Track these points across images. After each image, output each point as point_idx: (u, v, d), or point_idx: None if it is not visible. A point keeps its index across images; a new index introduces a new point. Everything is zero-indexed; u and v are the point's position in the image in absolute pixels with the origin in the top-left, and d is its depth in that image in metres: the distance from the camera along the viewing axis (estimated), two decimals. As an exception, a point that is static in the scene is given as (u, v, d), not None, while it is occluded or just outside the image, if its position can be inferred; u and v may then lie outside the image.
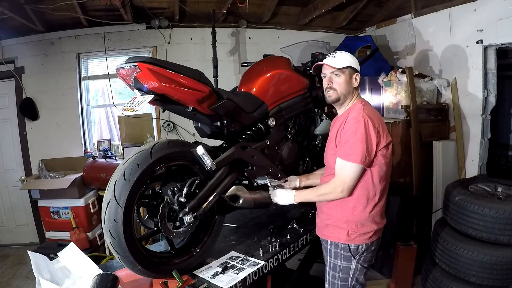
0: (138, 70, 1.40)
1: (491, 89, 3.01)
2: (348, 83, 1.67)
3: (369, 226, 1.64)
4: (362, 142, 1.53)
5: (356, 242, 1.64)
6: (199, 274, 1.62)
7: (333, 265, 1.72)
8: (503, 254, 2.19)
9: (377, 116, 1.67)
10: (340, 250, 1.67)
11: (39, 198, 3.56)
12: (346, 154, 1.56)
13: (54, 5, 3.34)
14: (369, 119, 1.57)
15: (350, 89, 1.69)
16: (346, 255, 1.67)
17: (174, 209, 1.55)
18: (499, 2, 2.78)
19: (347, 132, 1.58)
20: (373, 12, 4.25)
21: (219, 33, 3.99)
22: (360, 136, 1.54)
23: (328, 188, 1.63)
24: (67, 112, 4.08)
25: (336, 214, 1.67)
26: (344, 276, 1.69)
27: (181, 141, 1.70)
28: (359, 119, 1.56)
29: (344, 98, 1.69)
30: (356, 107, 1.66)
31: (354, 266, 1.67)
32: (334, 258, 1.71)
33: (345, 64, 1.66)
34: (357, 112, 1.61)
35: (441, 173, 3.19)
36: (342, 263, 1.68)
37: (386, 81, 3.40)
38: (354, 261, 1.66)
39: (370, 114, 1.61)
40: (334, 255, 1.70)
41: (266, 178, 1.84)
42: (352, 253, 1.65)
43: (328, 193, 1.63)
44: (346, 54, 1.71)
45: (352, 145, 1.55)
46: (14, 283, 3.30)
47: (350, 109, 1.69)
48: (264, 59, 2.22)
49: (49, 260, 1.66)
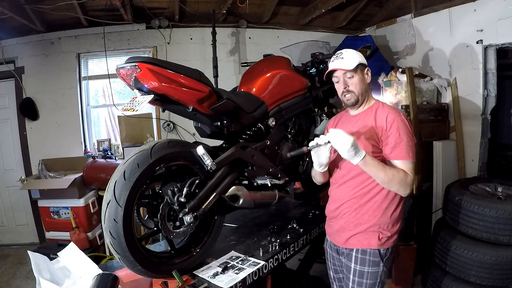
0: (138, 70, 1.40)
1: (491, 89, 3.01)
2: (362, 81, 1.64)
3: (397, 226, 1.64)
4: (413, 140, 1.57)
5: (386, 245, 1.61)
6: (199, 274, 1.62)
7: (360, 272, 1.63)
8: (503, 254, 2.19)
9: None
10: (369, 256, 1.61)
11: (39, 198, 3.56)
12: (405, 154, 1.53)
13: (54, 5, 3.34)
14: (404, 116, 1.60)
15: (366, 86, 1.66)
16: (375, 260, 1.61)
17: (174, 209, 1.55)
18: (499, 2, 2.78)
19: (397, 131, 1.54)
20: (373, 12, 4.25)
21: (219, 33, 3.99)
22: (410, 134, 1.57)
23: (402, 179, 1.49)
24: (67, 112, 4.08)
25: (370, 219, 1.61)
26: (372, 281, 1.63)
27: (181, 141, 1.70)
28: (403, 119, 1.57)
29: (362, 98, 1.66)
30: (385, 106, 1.66)
31: (381, 270, 1.62)
32: (360, 265, 1.63)
33: (355, 62, 1.61)
34: (395, 111, 1.61)
35: (441, 173, 3.19)
36: (371, 269, 1.62)
37: (386, 81, 3.40)
38: (382, 264, 1.62)
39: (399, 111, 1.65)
40: (361, 262, 1.63)
41: (266, 178, 1.84)
42: (381, 256, 1.61)
43: (402, 185, 1.50)
44: (352, 52, 1.66)
45: (407, 143, 1.54)
46: (14, 283, 3.30)
47: (375, 107, 1.66)
48: (264, 59, 2.22)
49: (49, 260, 1.66)
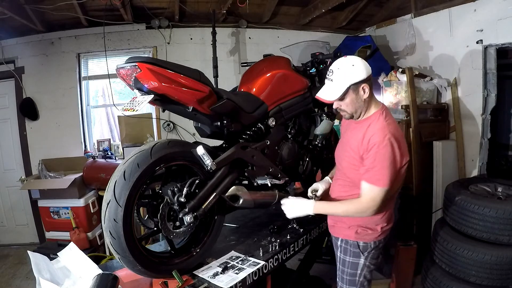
0: (138, 70, 1.40)
1: (491, 89, 3.01)
2: (355, 101, 1.57)
3: (378, 227, 1.67)
4: (389, 168, 1.48)
5: (365, 240, 1.69)
6: (199, 274, 1.62)
7: (343, 261, 1.76)
8: (503, 254, 2.19)
9: (399, 132, 1.58)
10: (350, 246, 1.72)
11: (39, 198, 3.55)
12: (375, 180, 1.50)
13: (54, 5, 3.34)
14: (395, 141, 1.49)
15: (361, 103, 1.58)
16: (355, 251, 1.71)
17: (174, 209, 1.55)
18: (499, 2, 2.78)
19: (373, 157, 1.50)
20: (373, 12, 4.25)
21: (219, 33, 3.99)
22: (387, 162, 1.48)
23: (357, 208, 1.57)
24: (67, 112, 4.08)
25: (347, 219, 1.70)
26: (352, 271, 1.74)
27: (181, 141, 1.70)
28: (386, 144, 1.48)
29: (358, 114, 1.61)
30: (379, 122, 1.55)
31: (362, 263, 1.72)
32: (343, 254, 1.76)
33: (343, 87, 1.53)
34: (381, 133, 1.50)
35: (441, 173, 3.19)
36: (351, 259, 1.73)
37: (386, 81, 3.40)
38: (362, 257, 1.71)
39: (394, 131, 1.52)
40: (344, 251, 1.75)
41: (266, 178, 1.84)
42: (361, 250, 1.70)
43: (358, 213, 1.59)
44: (344, 72, 1.54)
45: (380, 171, 1.49)
46: (14, 283, 3.30)
47: (371, 120, 1.59)
48: (264, 59, 2.23)
49: (49, 260, 1.66)
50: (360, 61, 1.57)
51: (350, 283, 1.76)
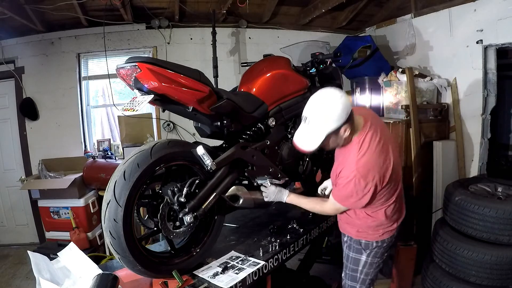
0: (138, 70, 1.40)
1: (491, 89, 3.00)
2: (336, 140, 1.54)
3: (379, 228, 1.71)
4: (350, 196, 1.56)
5: (366, 238, 1.73)
6: (199, 274, 1.62)
7: (347, 256, 1.84)
8: (503, 254, 2.19)
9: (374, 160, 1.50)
10: (353, 243, 1.79)
11: (39, 198, 3.56)
12: (338, 198, 1.64)
13: (54, 5, 3.34)
14: (360, 179, 1.48)
15: (341, 140, 1.55)
16: (358, 248, 1.77)
17: (174, 209, 1.55)
18: (499, 2, 2.78)
19: (340, 183, 1.59)
20: (373, 12, 4.25)
21: (219, 33, 3.99)
22: (349, 192, 1.55)
23: (321, 210, 1.76)
24: (67, 112, 4.08)
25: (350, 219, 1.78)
26: (354, 267, 1.80)
27: (181, 141, 1.70)
28: (350, 180, 1.51)
29: (340, 145, 1.60)
30: (352, 155, 1.53)
31: (364, 260, 1.76)
32: (348, 249, 1.83)
33: (320, 137, 1.47)
34: (350, 169, 1.51)
35: (441, 173, 3.19)
36: (354, 254, 1.80)
37: (386, 81, 3.40)
38: (364, 254, 1.75)
39: (363, 167, 1.48)
40: (348, 247, 1.83)
41: (266, 178, 1.84)
42: (363, 247, 1.74)
43: (322, 213, 1.81)
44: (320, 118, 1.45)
45: (343, 194, 1.60)
46: (14, 283, 3.30)
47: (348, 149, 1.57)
48: (264, 59, 2.22)
49: (49, 260, 1.66)
50: (338, 102, 1.45)
51: (351, 279, 1.82)
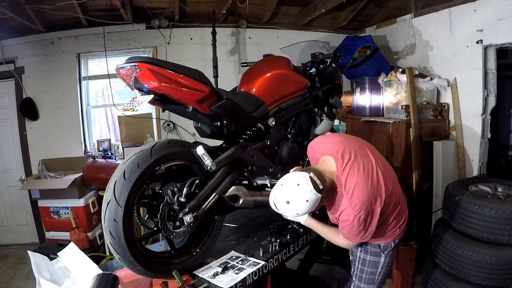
0: (138, 70, 1.40)
1: (491, 89, 3.00)
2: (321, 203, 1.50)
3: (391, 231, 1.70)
4: (357, 233, 1.53)
5: (385, 241, 1.72)
6: (199, 274, 1.62)
7: (363, 260, 1.80)
8: (503, 254, 2.19)
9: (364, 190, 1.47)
10: (370, 247, 1.76)
11: (39, 198, 3.55)
12: (349, 238, 1.59)
13: (54, 5, 3.34)
14: (361, 215, 1.46)
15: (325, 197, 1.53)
16: (376, 251, 1.75)
17: (174, 209, 1.55)
18: (499, 2, 2.78)
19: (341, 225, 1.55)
20: (373, 12, 4.25)
21: (219, 33, 3.99)
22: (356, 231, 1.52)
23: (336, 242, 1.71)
24: (67, 112, 4.08)
25: None
26: (373, 270, 1.79)
27: (181, 141, 1.70)
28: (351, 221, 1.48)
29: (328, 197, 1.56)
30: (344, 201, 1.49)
31: (382, 261, 1.76)
32: (364, 253, 1.79)
33: (303, 217, 1.66)
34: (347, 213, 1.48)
35: (441, 173, 3.19)
36: (372, 258, 1.77)
37: (386, 81, 3.40)
38: (383, 256, 1.75)
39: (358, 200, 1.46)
40: (365, 251, 1.78)
41: (266, 178, 1.84)
42: (382, 249, 1.74)
43: (335, 243, 1.73)
44: (291, 212, 1.45)
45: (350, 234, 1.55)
46: (14, 283, 3.30)
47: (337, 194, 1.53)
48: (264, 59, 2.23)
49: (49, 260, 1.66)
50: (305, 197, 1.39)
51: (369, 282, 1.80)
